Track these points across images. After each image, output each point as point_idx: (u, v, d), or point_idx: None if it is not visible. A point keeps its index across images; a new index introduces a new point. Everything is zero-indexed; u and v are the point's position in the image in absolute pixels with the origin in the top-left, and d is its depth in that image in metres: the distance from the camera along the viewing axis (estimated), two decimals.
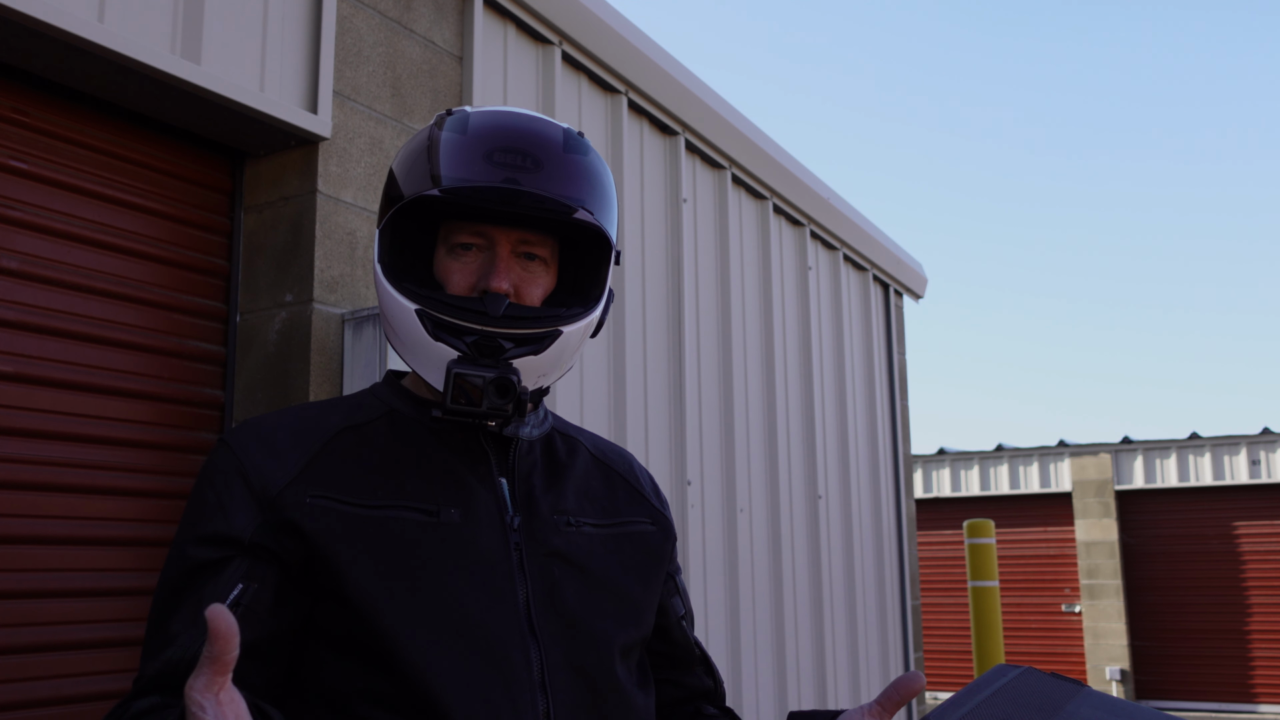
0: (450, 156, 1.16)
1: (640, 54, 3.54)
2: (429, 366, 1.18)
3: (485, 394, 1.13)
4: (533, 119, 1.21)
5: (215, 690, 0.83)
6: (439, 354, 1.16)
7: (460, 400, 1.13)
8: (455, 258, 1.20)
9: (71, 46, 1.98)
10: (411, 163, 1.19)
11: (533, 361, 1.18)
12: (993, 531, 5.94)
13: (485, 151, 1.15)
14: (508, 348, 1.16)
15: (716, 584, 3.82)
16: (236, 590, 1.08)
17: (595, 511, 1.29)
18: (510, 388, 1.14)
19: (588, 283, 1.27)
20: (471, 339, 1.15)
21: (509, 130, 1.18)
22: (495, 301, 1.16)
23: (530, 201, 1.15)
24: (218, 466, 1.16)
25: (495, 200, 1.14)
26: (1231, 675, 11.86)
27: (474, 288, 1.19)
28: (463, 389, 1.13)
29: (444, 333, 1.15)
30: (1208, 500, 12.19)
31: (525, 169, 1.15)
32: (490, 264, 1.19)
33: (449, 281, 1.20)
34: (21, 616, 1.99)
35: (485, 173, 1.14)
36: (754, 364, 4.29)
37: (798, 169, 4.61)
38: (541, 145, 1.17)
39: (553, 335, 1.19)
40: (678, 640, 1.39)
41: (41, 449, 2.06)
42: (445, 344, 1.15)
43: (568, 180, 1.17)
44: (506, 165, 1.15)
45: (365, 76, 2.57)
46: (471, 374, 1.13)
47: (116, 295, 2.22)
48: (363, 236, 2.49)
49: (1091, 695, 1.12)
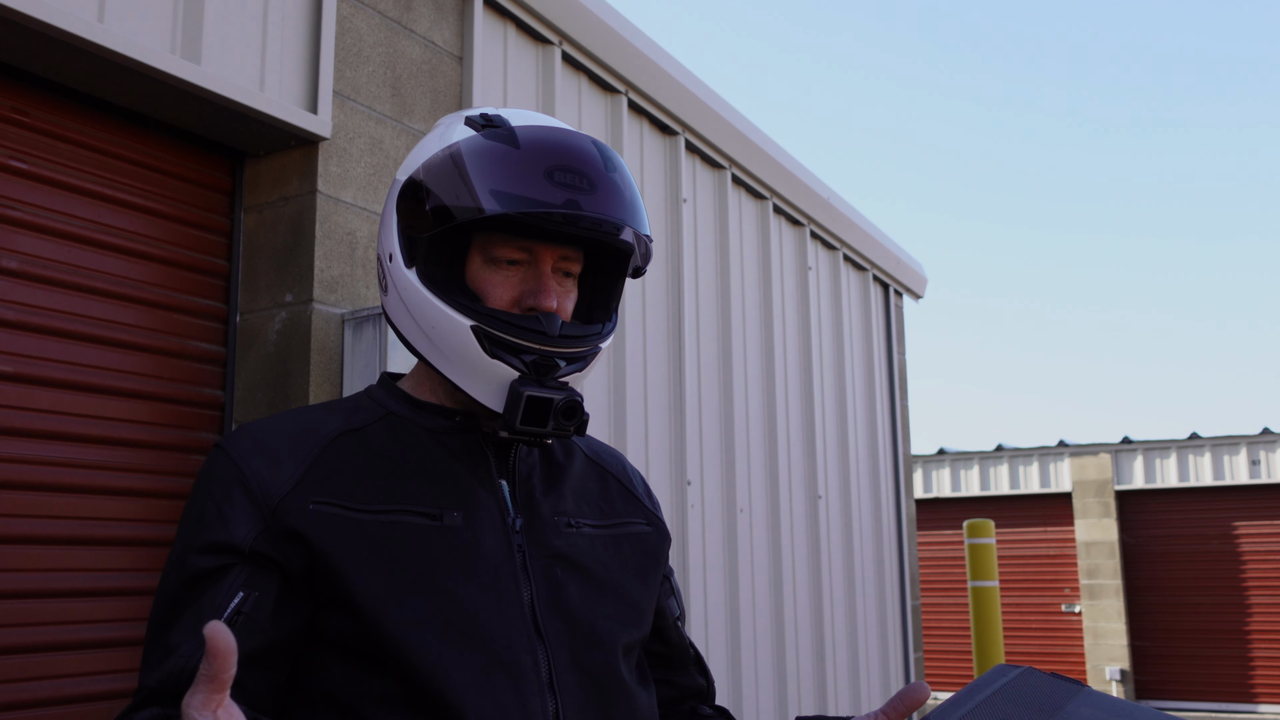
0: (507, 173, 1.14)
1: (640, 54, 3.54)
2: (478, 382, 1.17)
3: (553, 416, 1.15)
4: (573, 133, 1.20)
5: (213, 707, 0.83)
6: (495, 372, 1.16)
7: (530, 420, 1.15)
8: (496, 270, 1.19)
9: (71, 46, 1.97)
10: (458, 175, 1.15)
11: (575, 378, 1.20)
12: (993, 531, 5.95)
13: (545, 170, 1.14)
14: (561, 366, 1.18)
15: (716, 584, 3.82)
16: (237, 599, 1.08)
17: (593, 512, 1.29)
18: (577, 410, 1.17)
19: (606, 294, 1.29)
20: (530, 358, 1.16)
21: (563, 148, 1.17)
22: (551, 321, 1.17)
23: (590, 224, 1.15)
24: (216, 474, 1.15)
25: (560, 223, 1.14)
26: (1231, 675, 11.86)
27: (515, 302, 1.19)
28: (533, 409, 1.14)
29: (502, 351, 1.15)
30: (1208, 500, 12.19)
31: (583, 190, 1.15)
32: (536, 281, 1.19)
33: (489, 295, 1.18)
34: (21, 616, 1.99)
35: (548, 193, 1.13)
36: (754, 364, 4.29)
37: (798, 169, 4.61)
38: (592, 165, 1.18)
39: (595, 352, 1.22)
40: (674, 641, 1.40)
41: (41, 449, 2.06)
42: (502, 361, 1.15)
43: (617, 200, 1.18)
44: (567, 186, 1.14)
45: (365, 76, 2.57)
46: (541, 395, 1.14)
47: (116, 295, 2.22)
48: (363, 236, 2.49)
49: (1091, 695, 1.12)
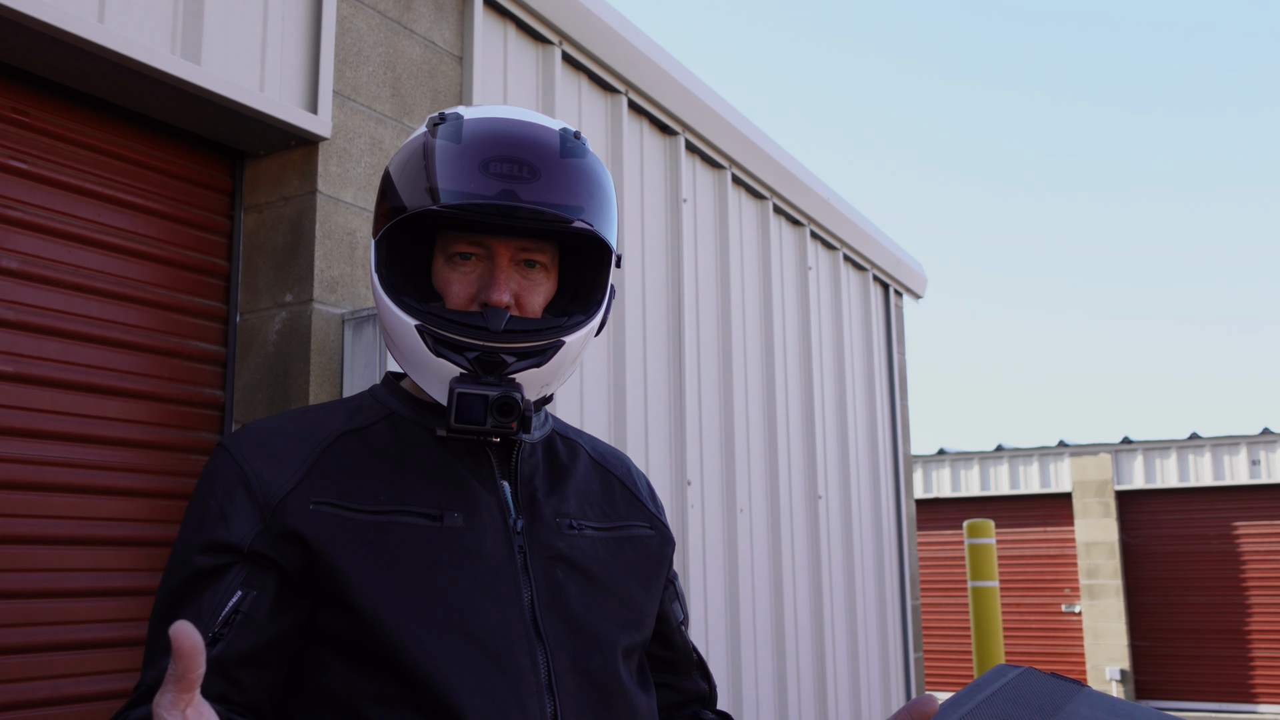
0: (446, 168, 1.13)
1: (640, 54, 3.54)
2: (431, 381, 1.18)
3: (489, 413, 1.12)
4: (527, 123, 1.19)
5: (181, 707, 0.83)
6: (441, 370, 1.15)
7: (464, 418, 1.12)
8: (454, 268, 1.19)
9: (72, 46, 1.97)
10: (407, 173, 1.17)
11: (535, 374, 1.18)
12: (993, 531, 5.95)
13: (481, 162, 1.13)
14: (510, 362, 1.15)
15: (716, 584, 3.82)
16: (235, 598, 1.08)
17: (596, 515, 1.29)
18: (514, 406, 1.13)
19: (588, 286, 1.26)
20: (474, 355, 1.14)
21: (504, 138, 1.15)
22: (496, 316, 1.15)
23: (528, 214, 1.13)
24: (219, 473, 1.16)
25: (493, 214, 1.12)
26: (1231, 675, 11.86)
27: (474, 298, 1.18)
28: (466, 407, 1.12)
29: (445, 349, 1.14)
30: (1208, 500, 12.19)
31: (522, 179, 1.13)
32: (490, 274, 1.18)
33: (448, 292, 1.19)
34: (21, 616, 1.99)
35: (482, 185, 1.12)
36: (754, 364, 4.29)
37: (798, 169, 4.61)
38: (538, 152, 1.15)
39: (555, 346, 1.18)
40: (677, 645, 1.39)
41: (41, 449, 2.06)
42: (447, 360, 1.14)
43: (565, 188, 1.15)
44: (503, 176, 1.12)
45: (365, 76, 2.57)
46: (474, 393, 1.12)
47: (116, 295, 2.22)
48: (363, 237, 2.49)
49: (1091, 695, 1.13)
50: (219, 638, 1.07)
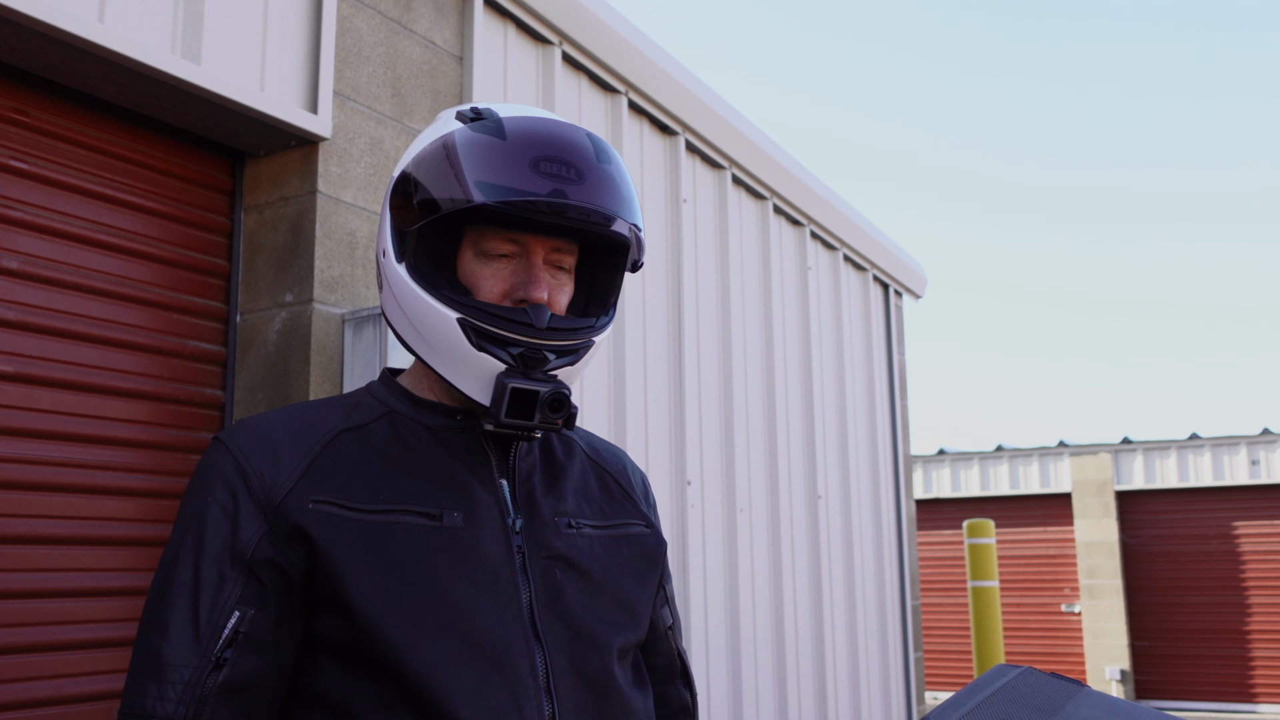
0: (495, 164, 1.12)
1: (640, 54, 3.54)
2: (466, 376, 1.16)
3: (539, 408, 1.13)
4: (564, 124, 1.19)
5: None
6: (481, 364, 1.14)
7: (515, 413, 1.13)
8: (486, 264, 1.18)
9: (72, 46, 1.97)
10: (447, 166, 1.14)
11: (568, 372, 1.19)
12: (992, 531, 5.95)
13: (532, 160, 1.12)
14: (550, 359, 1.16)
15: (716, 584, 3.82)
16: (235, 617, 1.07)
17: (594, 513, 1.28)
18: (564, 402, 1.15)
19: (605, 288, 1.27)
20: (517, 351, 1.14)
21: (550, 138, 1.15)
22: (539, 312, 1.16)
23: (577, 214, 1.13)
24: (217, 470, 1.14)
25: (544, 212, 1.12)
26: (1231, 675, 11.86)
27: (507, 295, 1.17)
28: (518, 402, 1.13)
29: (488, 343, 1.14)
30: (1208, 500, 12.19)
31: (570, 180, 1.13)
32: (527, 273, 1.17)
33: (479, 288, 1.17)
34: (21, 616, 1.99)
35: (532, 183, 1.11)
36: (754, 364, 4.29)
37: (798, 169, 4.61)
38: (581, 154, 1.15)
39: (587, 346, 1.20)
40: (663, 651, 1.39)
41: (41, 449, 2.06)
42: (489, 354, 1.14)
43: (607, 191, 1.16)
44: (552, 176, 1.12)
45: (365, 76, 2.57)
46: (527, 388, 1.13)
47: (116, 295, 2.22)
48: (363, 236, 2.49)
49: (1091, 695, 1.13)
50: (223, 662, 1.06)
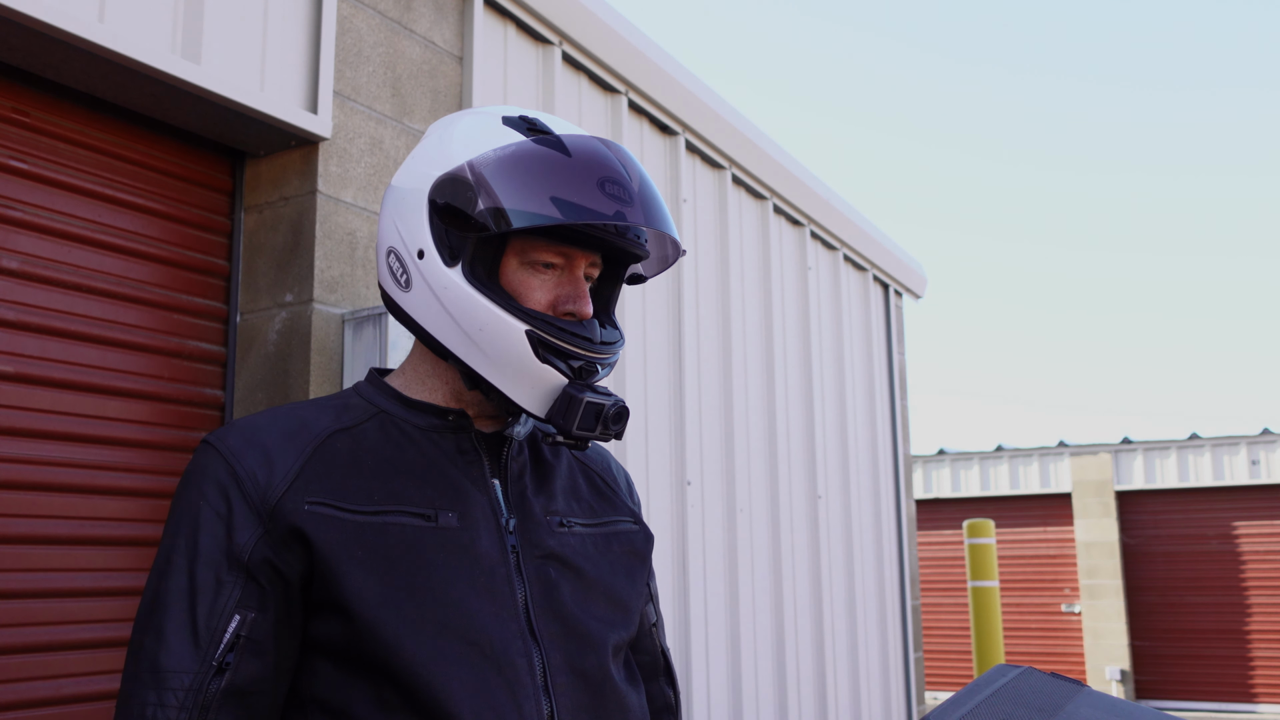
0: (569, 182, 1.15)
1: (640, 54, 3.54)
2: (522, 385, 1.17)
3: (604, 420, 1.18)
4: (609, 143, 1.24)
5: None
6: (544, 376, 1.17)
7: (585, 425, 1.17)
8: (534, 273, 1.19)
9: (72, 46, 1.97)
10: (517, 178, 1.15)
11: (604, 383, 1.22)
12: (992, 531, 5.95)
13: (598, 180, 1.16)
14: (600, 371, 1.21)
15: (716, 584, 3.82)
16: (235, 622, 1.07)
17: (583, 511, 1.30)
18: (625, 415, 1.20)
19: (607, 298, 1.31)
20: (578, 364, 1.18)
21: (609, 160, 1.19)
22: (593, 327, 1.21)
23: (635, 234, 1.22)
24: (208, 473, 1.12)
25: (613, 232, 1.18)
26: (1231, 675, 11.86)
27: (551, 306, 1.20)
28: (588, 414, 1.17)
29: (552, 355, 1.17)
30: (1207, 500, 12.19)
31: (625, 201, 1.17)
32: (572, 286, 1.21)
33: (527, 297, 1.19)
34: (21, 616, 1.99)
35: (601, 203, 1.15)
36: (754, 364, 4.29)
37: (798, 169, 4.61)
38: (632, 176, 1.20)
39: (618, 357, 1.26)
40: (647, 648, 1.40)
41: (41, 449, 2.06)
42: (553, 367, 1.17)
43: (659, 212, 1.21)
44: (615, 197, 1.16)
45: (365, 77, 2.57)
46: (597, 401, 1.17)
47: (116, 295, 2.22)
48: (363, 236, 2.49)
49: (1091, 695, 1.13)
50: (225, 666, 1.06)
